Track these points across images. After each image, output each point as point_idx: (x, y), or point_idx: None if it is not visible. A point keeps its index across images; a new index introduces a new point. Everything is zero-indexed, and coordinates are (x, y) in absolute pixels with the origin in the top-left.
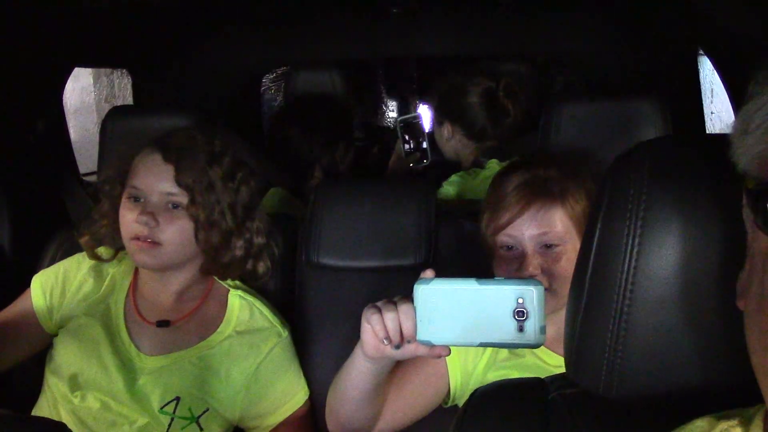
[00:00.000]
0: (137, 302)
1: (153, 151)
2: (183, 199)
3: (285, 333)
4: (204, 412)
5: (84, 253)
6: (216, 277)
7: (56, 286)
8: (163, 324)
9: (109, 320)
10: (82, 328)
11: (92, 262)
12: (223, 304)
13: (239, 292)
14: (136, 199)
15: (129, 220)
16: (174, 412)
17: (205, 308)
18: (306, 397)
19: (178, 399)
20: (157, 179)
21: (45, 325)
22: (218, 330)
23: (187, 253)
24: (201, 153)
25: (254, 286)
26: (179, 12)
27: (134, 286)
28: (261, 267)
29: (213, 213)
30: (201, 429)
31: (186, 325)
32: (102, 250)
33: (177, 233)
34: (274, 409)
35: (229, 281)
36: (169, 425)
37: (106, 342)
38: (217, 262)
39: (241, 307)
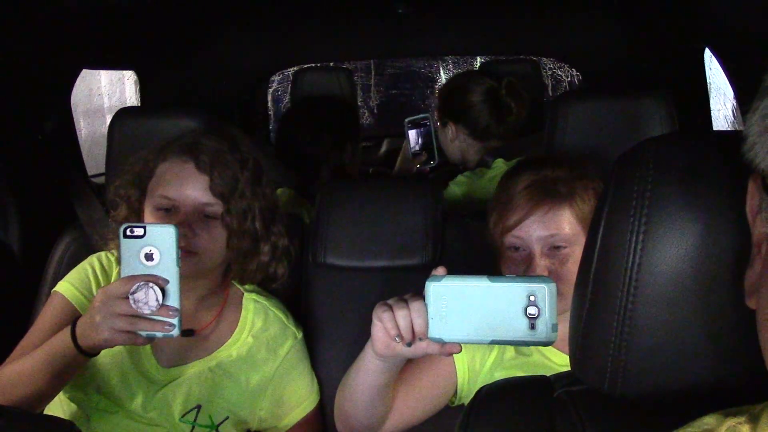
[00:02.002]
0: None
1: (185, 159)
2: (218, 208)
3: (299, 334)
4: (224, 420)
5: (105, 252)
6: (235, 282)
7: (98, 280)
8: (187, 333)
9: None
10: None
11: (118, 269)
12: (239, 308)
13: (254, 296)
14: (166, 210)
15: None
16: (195, 420)
17: (224, 315)
18: (318, 398)
19: (198, 407)
20: (192, 190)
21: None
22: (234, 335)
23: (216, 261)
24: (232, 160)
25: (270, 287)
26: (186, 13)
27: None
28: (281, 269)
29: (246, 220)
30: None
31: (209, 333)
32: None
33: (213, 243)
34: (290, 411)
35: (246, 285)
36: None
37: (128, 356)
38: (244, 269)
39: (255, 311)
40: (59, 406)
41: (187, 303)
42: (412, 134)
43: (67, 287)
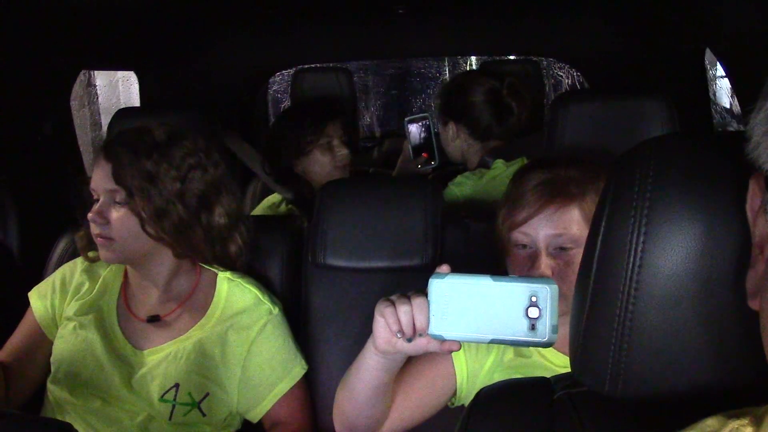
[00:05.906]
0: (128, 300)
1: (100, 151)
2: (123, 195)
3: (276, 310)
4: (205, 397)
5: (74, 260)
6: (203, 265)
7: (55, 295)
8: (153, 319)
9: (102, 320)
10: (76, 330)
11: (85, 264)
12: (213, 289)
13: (228, 275)
14: (97, 200)
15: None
16: (174, 399)
17: (195, 297)
18: (303, 372)
19: (177, 385)
20: (100, 178)
21: (52, 336)
22: (207, 313)
23: (143, 246)
24: (141, 147)
25: (241, 269)
26: (186, 14)
27: (125, 285)
28: (232, 248)
29: (161, 204)
30: (203, 414)
31: (178, 316)
32: (92, 253)
33: (123, 228)
34: (271, 386)
35: (217, 267)
36: (171, 413)
37: (101, 341)
38: (183, 247)
39: (229, 289)
40: (45, 412)
41: (152, 290)
42: (413, 128)
43: (32, 297)
